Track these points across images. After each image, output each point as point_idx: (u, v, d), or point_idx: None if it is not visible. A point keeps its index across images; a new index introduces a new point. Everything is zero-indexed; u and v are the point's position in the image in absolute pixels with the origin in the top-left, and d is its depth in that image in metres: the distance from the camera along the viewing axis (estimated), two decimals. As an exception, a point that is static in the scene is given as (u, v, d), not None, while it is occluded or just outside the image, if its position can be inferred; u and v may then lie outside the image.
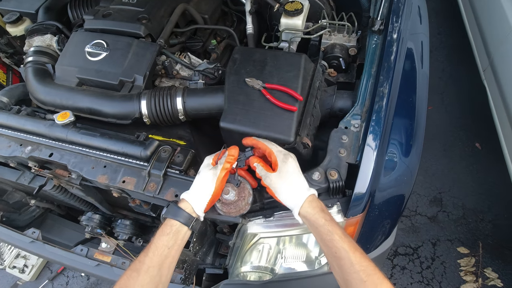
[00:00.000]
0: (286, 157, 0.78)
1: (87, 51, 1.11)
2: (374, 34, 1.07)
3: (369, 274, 0.61)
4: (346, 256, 0.63)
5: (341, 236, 0.66)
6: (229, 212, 0.79)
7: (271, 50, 1.19)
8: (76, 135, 0.99)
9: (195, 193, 0.76)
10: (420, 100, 1.13)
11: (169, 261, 0.69)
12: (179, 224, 0.72)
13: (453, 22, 2.83)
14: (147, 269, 0.66)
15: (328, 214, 0.71)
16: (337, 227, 0.68)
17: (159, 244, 0.69)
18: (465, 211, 2.08)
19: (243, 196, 0.79)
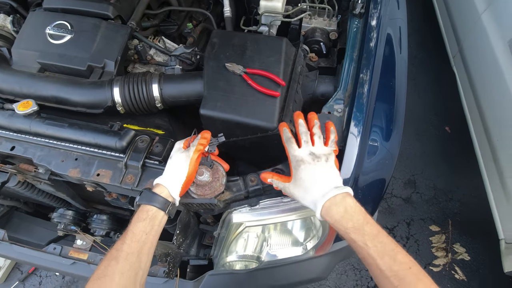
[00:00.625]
0: (298, 164, 0.73)
1: (48, 33, 1.01)
2: (355, 17, 1.06)
3: (401, 278, 0.57)
4: (373, 263, 0.61)
5: (365, 243, 0.62)
6: (204, 194, 0.78)
7: (251, 34, 1.15)
8: (41, 126, 0.90)
9: (169, 176, 0.74)
10: (399, 85, 1.14)
11: (148, 247, 0.68)
12: (156, 209, 0.70)
13: (424, 9, 2.90)
14: (126, 256, 0.64)
15: (347, 220, 0.65)
16: (359, 233, 0.63)
17: (136, 231, 0.67)
18: (436, 191, 2.19)
19: (217, 177, 0.80)
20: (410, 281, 0.57)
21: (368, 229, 0.63)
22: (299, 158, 0.73)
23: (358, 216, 0.65)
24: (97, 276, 0.62)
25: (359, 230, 0.63)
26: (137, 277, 0.64)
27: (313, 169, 0.72)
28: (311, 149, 0.74)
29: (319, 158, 0.73)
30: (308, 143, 0.75)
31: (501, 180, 1.63)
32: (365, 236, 0.62)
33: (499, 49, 1.69)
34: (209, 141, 0.80)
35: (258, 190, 0.83)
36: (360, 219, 0.65)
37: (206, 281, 0.99)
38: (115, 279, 0.61)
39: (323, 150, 0.75)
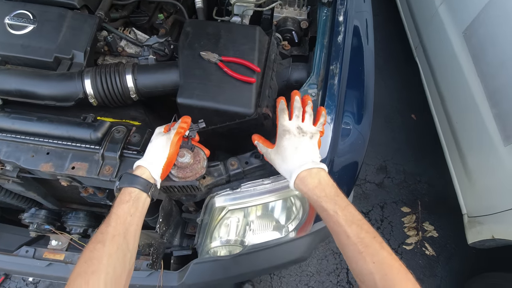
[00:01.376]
0: (284, 133, 0.77)
1: (8, 23, 0.95)
2: (324, 6, 1.10)
3: (366, 245, 0.60)
4: (341, 230, 0.63)
5: (335, 211, 0.65)
6: (186, 177, 0.79)
7: (225, 23, 1.16)
8: (5, 121, 0.86)
9: (150, 158, 0.74)
10: (367, 73, 1.21)
11: (134, 229, 0.67)
12: (138, 191, 0.69)
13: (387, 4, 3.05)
14: (112, 238, 0.63)
15: (321, 190, 0.68)
16: (330, 202, 0.66)
17: (121, 213, 0.66)
18: (405, 175, 2.33)
19: (198, 160, 0.81)
20: (375, 248, 0.60)
21: (339, 200, 0.67)
22: (287, 128, 0.77)
23: (331, 188, 0.69)
24: (84, 260, 0.60)
25: (331, 200, 0.67)
26: (126, 259, 0.63)
27: (296, 141, 0.75)
28: (300, 124, 0.79)
29: (304, 133, 0.77)
30: (298, 117, 0.80)
31: (462, 160, 1.77)
32: (336, 205, 0.66)
33: (455, 40, 1.83)
34: (189, 126, 0.81)
35: (239, 174, 0.84)
36: (332, 191, 0.69)
37: (191, 270, 0.99)
38: (103, 261, 0.59)
39: (310, 128, 0.79)
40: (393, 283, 0.56)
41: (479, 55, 1.65)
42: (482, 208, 1.62)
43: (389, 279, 0.57)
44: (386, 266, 0.58)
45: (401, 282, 0.56)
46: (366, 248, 0.60)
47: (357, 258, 0.61)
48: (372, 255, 0.59)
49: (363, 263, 0.59)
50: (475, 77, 1.66)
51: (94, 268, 0.58)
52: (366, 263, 0.59)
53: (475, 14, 1.66)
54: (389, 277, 0.57)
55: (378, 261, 0.59)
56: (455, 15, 1.87)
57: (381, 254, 0.60)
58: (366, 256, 0.59)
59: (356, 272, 0.62)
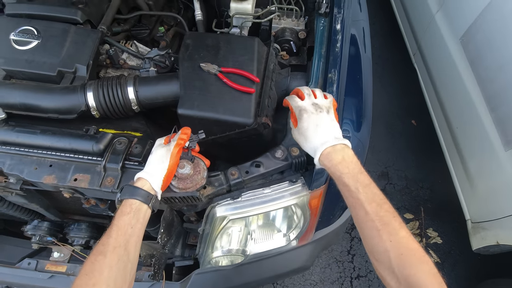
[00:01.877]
0: (301, 113, 0.78)
1: (13, 39, 0.98)
2: (321, 17, 1.12)
3: (385, 223, 0.60)
4: (361, 206, 0.63)
5: (357, 187, 0.65)
6: (186, 188, 0.79)
7: (224, 34, 1.18)
8: (10, 134, 0.87)
9: (151, 170, 0.75)
10: (365, 81, 1.22)
11: (135, 240, 0.67)
12: (139, 203, 0.70)
13: (384, 12, 3.09)
14: (113, 249, 0.63)
15: (344, 166, 0.69)
16: (353, 179, 0.67)
17: (121, 224, 0.67)
18: (407, 181, 2.32)
19: (198, 170, 0.81)
20: (394, 227, 0.60)
21: (362, 178, 0.68)
22: (302, 107, 0.79)
23: (355, 165, 0.70)
24: (85, 272, 0.60)
25: (353, 176, 0.67)
26: (127, 270, 0.63)
27: (315, 118, 0.77)
28: (314, 100, 0.81)
29: (321, 108, 0.79)
30: (310, 95, 0.82)
31: (463, 165, 1.77)
32: (357, 183, 0.66)
33: (453, 46, 1.85)
34: (189, 137, 0.81)
35: (239, 183, 0.85)
36: (356, 169, 0.69)
37: (193, 280, 0.99)
38: (104, 273, 0.60)
39: (324, 102, 0.81)
40: (409, 263, 0.56)
41: (476, 60, 1.66)
42: (486, 214, 1.61)
43: (405, 259, 0.56)
44: (403, 246, 0.58)
45: (417, 264, 0.56)
46: (384, 226, 0.60)
47: (374, 234, 0.61)
48: (390, 234, 0.59)
49: (379, 240, 0.59)
50: (473, 82, 1.67)
51: (95, 280, 0.59)
52: (383, 240, 0.59)
53: (472, 21, 1.68)
54: (405, 257, 0.56)
55: (395, 240, 0.58)
56: (452, 22, 1.90)
57: (399, 233, 0.59)
58: (383, 234, 0.59)
59: (371, 250, 0.61)
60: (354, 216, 0.67)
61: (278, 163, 0.87)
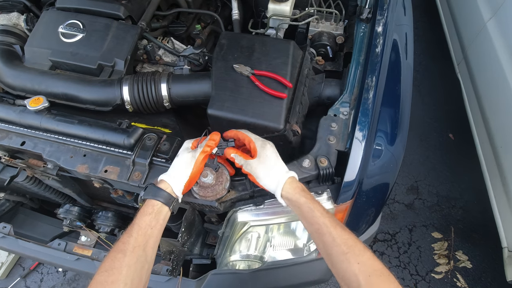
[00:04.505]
0: (264, 143, 0.80)
1: (61, 32, 1.03)
2: (362, 22, 1.07)
3: (350, 246, 0.62)
4: (327, 231, 0.65)
5: (322, 212, 0.68)
6: (206, 196, 0.78)
7: (259, 36, 1.17)
8: (51, 122, 0.92)
9: (174, 174, 0.75)
10: (404, 90, 1.15)
11: (153, 241, 0.69)
12: (160, 204, 0.71)
13: (430, 17, 2.92)
14: (132, 249, 0.65)
15: (308, 193, 0.73)
16: (318, 205, 0.70)
17: (142, 224, 0.68)
18: (439, 198, 2.19)
19: (221, 181, 0.79)
20: (359, 249, 0.61)
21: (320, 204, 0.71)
22: (262, 139, 0.82)
23: (310, 193, 0.74)
24: (105, 268, 0.62)
25: (315, 202, 0.70)
26: (143, 270, 0.65)
27: (275, 150, 0.80)
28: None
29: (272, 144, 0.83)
30: None
31: (505, 188, 1.63)
32: (320, 207, 0.69)
33: (504, 57, 1.70)
34: (217, 143, 0.80)
35: (263, 190, 0.83)
36: (311, 196, 0.73)
37: (209, 280, 0.99)
38: (123, 272, 0.62)
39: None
40: (377, 285, 0.57)
41: (531, 76, 1.52)
42: (526, 244, 1.48)
43: (374, 280, 0.57)
44: (370, 268, 0.59)
45: (386, 284, 0.57)
46: (350, 248, 0.61)
47: (341, 259, 0.61)
48: (357, 256, 0.60)
49: (348, 265, 0.60)
50: (525, 99, 1.53)
51: (113, 278, 0.61)
52: (351, 264, 0.59)
53: (530, 32, 1.54)
54: (374, 279, 0.57)
55: (362, 262, 0.59)
56: (505, 31, 1.74)
57: (365, 254, 0.61)
58: (351, 257, 0.60)
59: (341, 275, 0.62)
60: (320, 242, 0.67)
61: (305, 172, 0.84)
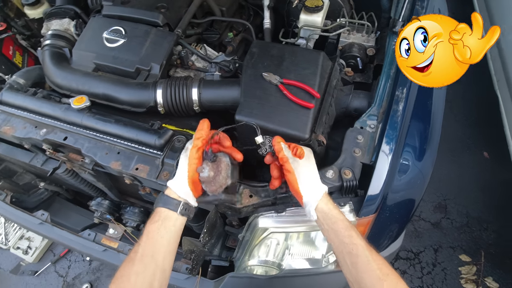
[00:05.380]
0: (310, 151, 0.80)
1: (105, 37, 1.11)
2: (395, 35, 1.06)
3: (387, 273, 0.61)
4: (363, 253, 0.63)
5: (358, 233, 0.66)
6: (213, 191, 0.74)
7: (289, 45, 1.19)
8: (91, 120, 0.99)
9: (176, 177, 0.74)
10: (436, 105, 1.12)
11: (164, 248, 0.68)
12: (167, 211, 0.71)
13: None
14: (140, 258, 0.66)
15: (339, 211, 0.72)
16: (350, 224, 0.69)
17: (150, 233, 0.69)
18: (469, 219, 2.07)
19: (220, 170, 0.74)
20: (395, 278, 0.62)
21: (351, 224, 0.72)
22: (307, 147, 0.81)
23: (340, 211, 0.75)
24: (116, 276, 0.66)
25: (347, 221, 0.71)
26: (155, 277, 0.65)
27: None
28: None
29: None
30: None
31: (544, 214, 1.52)
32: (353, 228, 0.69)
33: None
34: (207, 133, 0.75)
35: (285, 198, 0.85)
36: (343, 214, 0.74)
37: (226, 282, 1.01)
38: (131, 279, 0.64)
39: None
40: None
41: None
42: None
43: None
44: None
45: None
46: (387, 276, 0.61)
47: (375, 284, 0.60)
48: (393, 285, 0.60)
49: None
50: None
51: (123, 285, 0.64)
52: None
53: None
54: None
55: None
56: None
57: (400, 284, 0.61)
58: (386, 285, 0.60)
59: None
60: (350, 262, 0.65)
61: (328, 183, 0.84)
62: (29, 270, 2.08)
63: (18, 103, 1.05)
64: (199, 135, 0.73)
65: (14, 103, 1.05)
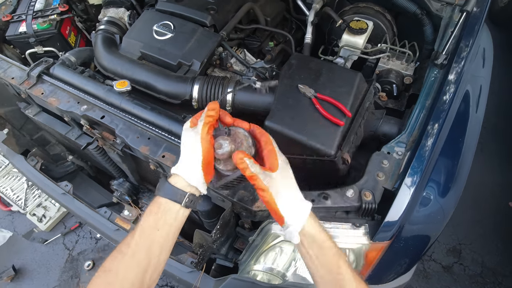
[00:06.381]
0: (287, 161, 0.65)
1: (155, 30, 1.17)
2: (435, 67, 1.06)
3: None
4: (351, 285, 0.57)
5: (346, 262, 0.60)
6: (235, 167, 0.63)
7: (328, 62, 1.21)
8: (129, 104, 1.04)
9: (184, 162, 0.63)
10: (468, 145, 1.10)
11: (160, 244, 0.61)
12: (168, 202, 0.61)
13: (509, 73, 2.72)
14: (132, 253, 0.59)
15: (326, 233, 0.62)
16: (341, 251, 0.61)
17: (145, 226, 0.61)
18: (483, 269, 1.97)
19: (240, 141, 0.64)
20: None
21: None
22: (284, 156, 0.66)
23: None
24: (104, 269, 0.59)
25: (335, 245, 0.63)
26: (146, 275, 0.59)
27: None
28: None
29: None
30: None
31: None
32: (344, 254, 0.65)
33: None
34: (218, 112, 0.65)
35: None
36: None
37: (228, 283, 1.02)
38: (119, 275, 0.58)
39: None
40: None
41: None
42: None
43: None
44: None
45: None
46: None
47: None
48: None
49: None
50: None
51: (110, 279, 0.58)
52: None
53: None
54: None
55: None
56: None
57: None
58: None
59: None
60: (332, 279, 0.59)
61: (347, 202, 0.84)
62: (39, 238, 2.16)
63: (67, 79, 1.12)
64: (211, 113, 0.63)
65: (63, 78, 1.13)
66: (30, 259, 2.13)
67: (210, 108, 0.65)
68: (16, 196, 2.25)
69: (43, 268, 2.10)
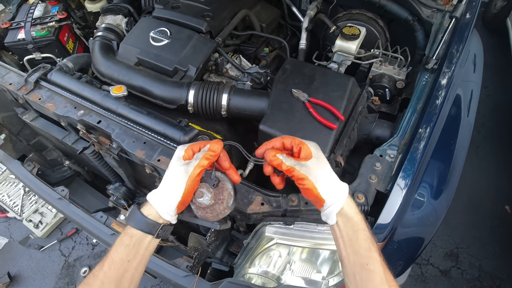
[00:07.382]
0: (316, 146, 0.66)
1: (151, 36, 1.19)
2: (426, 72, 1.08)
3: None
4: (379, 270, 0.57)
5: (377, 247, 0.59)
6: (205, 217, 0.66)
7: (321, 67, 1.23)
8: (125, 109, 1.05)
9: (162, 194, 0.63)
10: (459, 148, 1.12)
11: (131, 274, 0.61)
12: (140, 234, 0.61)
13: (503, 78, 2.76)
14: (100, 284, 0.58)
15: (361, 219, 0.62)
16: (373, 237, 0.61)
17: (116, 257, 0.60)
18: (481, 273, 1.97)
19: (221, 199, 0.66)
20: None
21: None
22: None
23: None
24: None
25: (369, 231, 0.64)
26: None
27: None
28: None
29: None
30: None
31: None
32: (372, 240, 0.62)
33: None
34: (217, 156, 0.64)
35: (296, 212, 0.86)
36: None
37: (223, 286, 1.01)
38: None
39: None
40: None
41: None
42: None
43: None
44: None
45: None
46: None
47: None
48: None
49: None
50: None
51: None
52: None
53: None
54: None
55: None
56: None
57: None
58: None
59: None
60: (361, 278, 0.58)
61: (340, 204, 0.85)
62: (35, 244, 2.15)
63: (64, 84, 1.14)
64: (209, 156, 0.63)
65: (61, 83, 1.14)
66: (26, 266, 2.12)
67: (212, 149, 0.64)
68: (13, 203, 2.25)
69: (39, 275, 2.09)
